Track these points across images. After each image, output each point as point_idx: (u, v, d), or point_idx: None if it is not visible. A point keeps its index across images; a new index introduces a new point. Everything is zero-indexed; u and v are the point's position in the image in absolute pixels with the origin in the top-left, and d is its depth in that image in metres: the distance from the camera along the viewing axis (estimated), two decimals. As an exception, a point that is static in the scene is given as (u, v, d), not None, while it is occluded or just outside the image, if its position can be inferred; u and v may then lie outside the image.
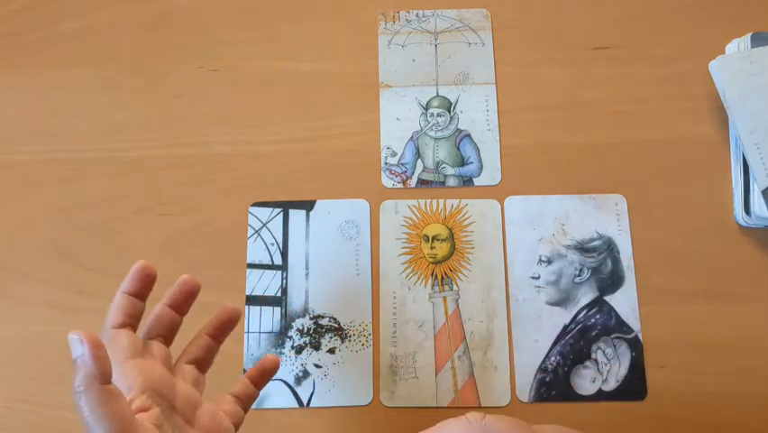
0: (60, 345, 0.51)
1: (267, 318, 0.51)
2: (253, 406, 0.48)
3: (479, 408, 0.48)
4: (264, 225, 0.53)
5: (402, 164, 0.55)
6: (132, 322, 0.38)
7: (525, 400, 0.49)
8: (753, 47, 0.52)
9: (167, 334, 0.39)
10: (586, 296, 0.51)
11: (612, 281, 0.51)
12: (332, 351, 0.50)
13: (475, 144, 0.55)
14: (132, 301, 0.38)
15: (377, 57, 0.57)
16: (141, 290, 0.38)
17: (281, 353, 0.50)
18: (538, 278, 0.51)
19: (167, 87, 0.57)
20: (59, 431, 0.49)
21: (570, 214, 0.53)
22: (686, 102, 0.55)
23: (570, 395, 0.49)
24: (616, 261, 0.51)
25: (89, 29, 0.59)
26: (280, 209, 0.54)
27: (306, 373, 0.50)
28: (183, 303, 0.40)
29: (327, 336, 0.50)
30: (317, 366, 0.50)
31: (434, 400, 0.49)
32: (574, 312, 0.50)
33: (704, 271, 0.51)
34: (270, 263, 0.52)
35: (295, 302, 0.51)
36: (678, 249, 0.51)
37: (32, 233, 0.54)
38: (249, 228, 0.53)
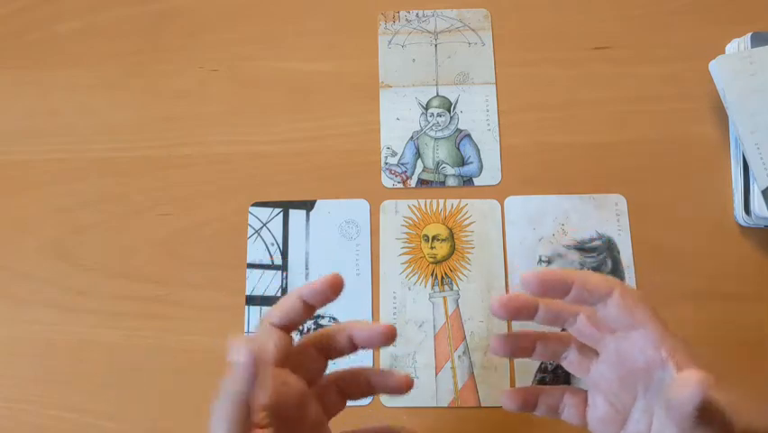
0: (60, 345, 0.51)
1: (267, 318, 0.51)
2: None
3: (478, 408, 0.48)
4: (264, 225, 0.53)
5: (402, 164, 0.55)
6: (291, 327, 0.36)
7: (525, 400, 0.49)
8: (753, 47, 0.52)
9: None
10: (586, 296, 0.51)
11: (612, 281, 0.51)
12: (332, 351, 0.50)
13: (475, 144, 0.55)
14: (303, 309, 0.36)
15: (377, 57, 0.57)
16: (318, 303, 0.36)
17: (281, 353, 0.50)
18: (538, 278, 0.51)
19: (167, 87, 0.57)
20: (59, 431, 0.49)
21: (570, 214, 0.53)
22: (686, 102, 0.55)
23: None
24: (616, 261, 0.51)
25: (89, 29, 0.59)
26: (280, 209, 0.54)
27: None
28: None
29: (327, 336, 0.50)
30: (317, 366, 0.50)
31: (434, 401, 0.49)
32: (574, 312, 0.50)
33: (704, 271, 0.51)
34: (270, 263, 0.52)
35: (295, 302, 0.51)
36: (678, 249, 0.51)
37: (31, 233, 0.54)
38: (249, 228, 0.53)
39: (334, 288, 0.36)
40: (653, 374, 0.34)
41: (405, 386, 0.38)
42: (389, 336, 0.36)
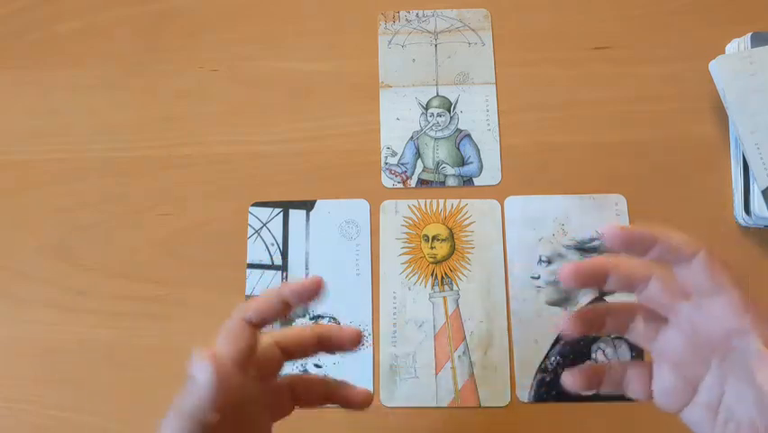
0: (60, 345, 0.51)
1: (267, 318, 0.51)
2: (253, 406, 0.48)
3: (478, 408, 0.48)
4: (264, 225, 0.53)
5: (402, 164, 0.55)
6: (263, 325, 0.35)
7: (525, 400, 0.49)
8: (753, 47, 0.52)
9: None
10: (586, 296, 0.51)
11: (612, 281, 0.51)
12: (332, 351, 0.50)
13: (475, 144, 0.55)
14: (281, 309, 0.35)
15: (377, 57, 0.57)
16: (298, 305, 0.35)
17: (281, 353, 0.50)
18: (538, 278, 0.51)
19: (167, 87, 0.57)
20: (59, 431, 0.49)
21: (570, 214, 0.53)
22: (686, 102, 0.55)
23: (570, 395, 0.48)
24: (616, 261, 0.51)
25: (89, 29, 0.59)
26: (280, 209, 0.54)
27: (305, 374, 0.50)
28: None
29: (327, 336, 0.50)
30: (317, 366, 0.50)
31: (434, 401, 0.49)
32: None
33: (704, 271, 0.51)
34: (270, 263, 0.52)
35: (295, 302, 0.51)
36: (678, 249, 0.51)
37: (31, 233, 0.54)
38: (249, 228, 0.53)
39: (318, 291, 0.35)
40: (733, 343, 0.32)
41: (363, 402, 0.37)
42: (356, 342, 0.36)
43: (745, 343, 0.32)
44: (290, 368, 0.50)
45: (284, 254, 0.53)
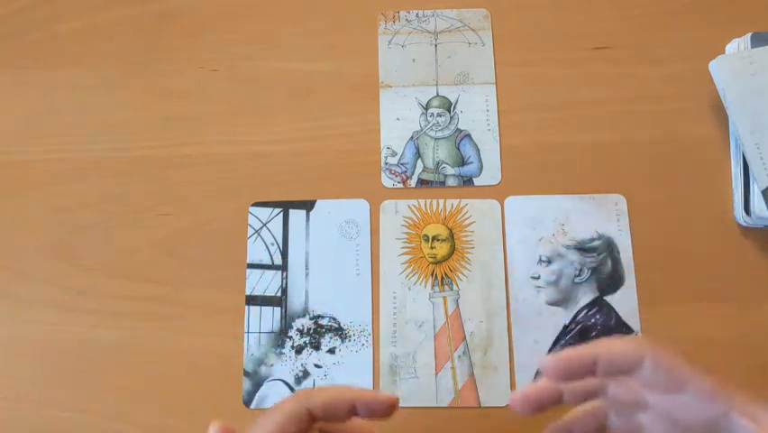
0: (60, 345, 0.51)
1: (267, 318, 0.51)
2: (253, 406, 0.48)
3: (478, 408, 0.48)
4: (264, 225, 0.53)
5: (402, 164, 0.55)
6: (317, 420, 0.33)
7: (525, 401, 0.48)
8: (753, 47, 0.52)
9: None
10: (586, 296, 0.51)
11: (612, 281, 0.51)
12: (332, 351, 0.50)
13: (475, 144, 0.55)
14: (346, 413, 0.32)
15: (377, 57, 0.57)
16: (363, 415, 0.33)
17: (281, 353, 0.50)
18: (538, 278, 0.51)
19: (167, 87, 0.57)
20: (59, 431, 0.49)
21: (570, 214, 0.53)
22: (686, 102, 0.55)
23: (570, 395, 0.49)
24: (616, 261, 0.51)
25: (89, 29, 0.59)
26: (280, 209, 0.54)
27: (306, 373, 0.50)
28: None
29: (327, 336, 0.50)
30: (317, 366, 0.50)
31: (434, 401, 0.49)
32: (574, 312, 0.50)
33: (704, 271, 0.51)
34: (270, 263, 0.52)
35: (295, 302, 0.51)
36: (678, 249, 0.51)
37: (31, 233, 0.54)
38: (249, 228, 0.53)
39: (391, 411, 0.33)
40: (720, 427, 0.32)
41: (389, 410, 0.34)
42: (392, 408, 0.33)
43: (730, 422, 0.31)
44: (290, 367, 0.50)
45: (284, 254, 0.53)
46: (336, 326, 0.51)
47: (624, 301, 0.50)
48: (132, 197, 0.54)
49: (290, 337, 0.50)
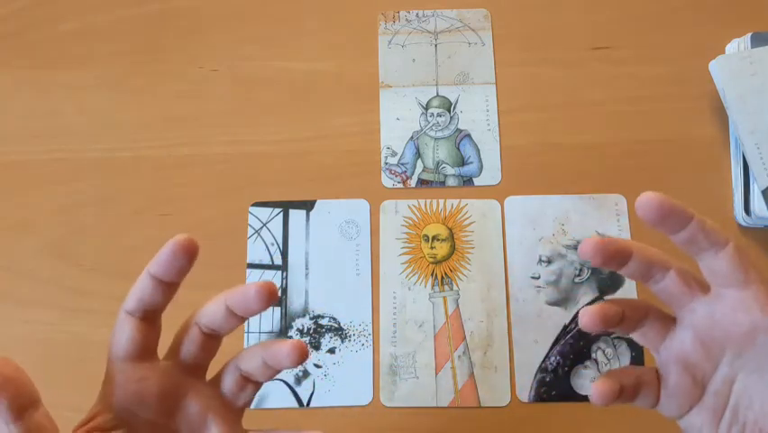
0: (60, 345, 0.51)
1: (267, 318, 0.51)
2: (253, 406, 0.48)
3: (478, 408, 0.48)
4: (264, 225, 0.53)
5: (402, 164, 0.55)
6: (147, 309, 0.33)
7: (525, 400, 0.49)
8: (753, 47, 0.52)
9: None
10: (586, 296, 0.51)
11: (612, 281, 0.51)
12: (332, 351, 0.50)
13: (475, 144, 0.55)
14: (153, 285, 0.33)
15: (377, 57, 0.57)
16: (170, 274, 0.33)
17: (281, 353, 0.50)
18: (538, 278, 0.51)
19: (167, 87, 0.57)
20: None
21: (570, 214, 0.53)
22: (686, 102, 0.55)
23: (570, 395, 0.49)
24: (616, 261, 0.51)
25: (89, 29, 0.59)
26: (280, 209, 0.54)
27: (305, 373, 0.50)
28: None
29: (327, 336, 0.50)
30: (317, 366, 0.50)
31: (433, 401, 0.49)
32: (574, 312, 0.50)
33: (704, 271, 0.51)
34: (270, 263, 0.52)
35: (295, 302, 0.51)
36: (678, 249, 0.51)
37: (32, 233, 0.54)
38: (249, 228, 0.53)
39: (184, 252, 0.33)
40: (758, 339, 0.31)
41: (295, 358, 0.33)
42: (265, 297, 0.33)
43: None
44: (291, 371, 0.50)
45: (284, 254, 0.53)
46: (336, 326, 0.51)
47: (624, 301, 0.50)
48: (132, 197, 0.54)
49: (290, 337, 0.50)
